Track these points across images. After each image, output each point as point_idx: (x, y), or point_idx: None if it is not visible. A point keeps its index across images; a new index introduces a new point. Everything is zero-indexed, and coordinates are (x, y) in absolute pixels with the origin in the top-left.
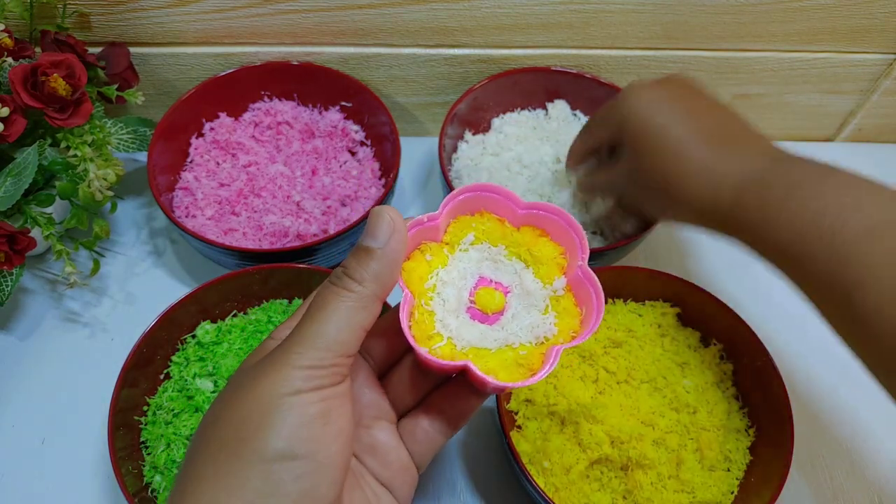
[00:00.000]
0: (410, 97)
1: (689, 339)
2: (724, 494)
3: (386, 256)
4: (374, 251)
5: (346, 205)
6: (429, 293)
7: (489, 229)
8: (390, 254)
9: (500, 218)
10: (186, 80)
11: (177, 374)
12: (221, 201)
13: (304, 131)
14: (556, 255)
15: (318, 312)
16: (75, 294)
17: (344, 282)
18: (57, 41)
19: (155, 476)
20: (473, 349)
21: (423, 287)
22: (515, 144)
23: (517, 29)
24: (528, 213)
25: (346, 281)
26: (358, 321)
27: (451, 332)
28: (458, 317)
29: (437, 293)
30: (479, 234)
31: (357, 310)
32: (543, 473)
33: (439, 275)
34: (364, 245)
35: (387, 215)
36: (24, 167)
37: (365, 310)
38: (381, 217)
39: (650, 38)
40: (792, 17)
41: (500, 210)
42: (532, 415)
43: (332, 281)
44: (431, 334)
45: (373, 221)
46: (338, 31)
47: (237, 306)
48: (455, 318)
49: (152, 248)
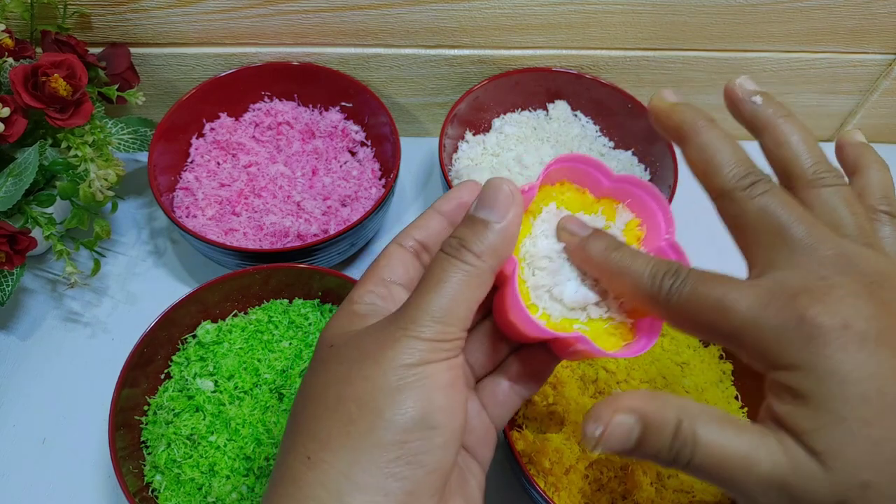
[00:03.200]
0: (410, 97)
1: (688, 338)
2: (723, 494)
3: (505, 231)
4: (493, 225)
5: (347, 205)
6: (521, 263)
7: (568, 199)
8: (509, 228)
9: (580, 188)
10: (187, 81)
11: (177, 373)
12: (222, 201)
13: (304, 131)
14: (633, 227)
15: (437, 284)
16: (76, 294)
17: (462, 254)
18: (58, 41)
19: (155, 476)
20: (565, 319)
21: (519, 256)
22: (516, 145)
23: (517, 30)
24: (612, 186)
25: (465, 253)
26: (476, 295)
27: (545, 302)
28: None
29: (528, 263)
30: (559, 203)
31: (475, 284)
32: (543, 473)
33: (525, 245)
34: (481, 217)
35: (506, 188)
36: (24, 167)
37: (482, 284)
38: (500, 190)
39: (650, 39)
40: (792, 18)
41: (585, 180)
42: (532, 415)
43: (448, 252)
44: (528, 305)
45: (491, 193)
46: (338, 32)
47: (238, 306)
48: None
49: (153, 248)
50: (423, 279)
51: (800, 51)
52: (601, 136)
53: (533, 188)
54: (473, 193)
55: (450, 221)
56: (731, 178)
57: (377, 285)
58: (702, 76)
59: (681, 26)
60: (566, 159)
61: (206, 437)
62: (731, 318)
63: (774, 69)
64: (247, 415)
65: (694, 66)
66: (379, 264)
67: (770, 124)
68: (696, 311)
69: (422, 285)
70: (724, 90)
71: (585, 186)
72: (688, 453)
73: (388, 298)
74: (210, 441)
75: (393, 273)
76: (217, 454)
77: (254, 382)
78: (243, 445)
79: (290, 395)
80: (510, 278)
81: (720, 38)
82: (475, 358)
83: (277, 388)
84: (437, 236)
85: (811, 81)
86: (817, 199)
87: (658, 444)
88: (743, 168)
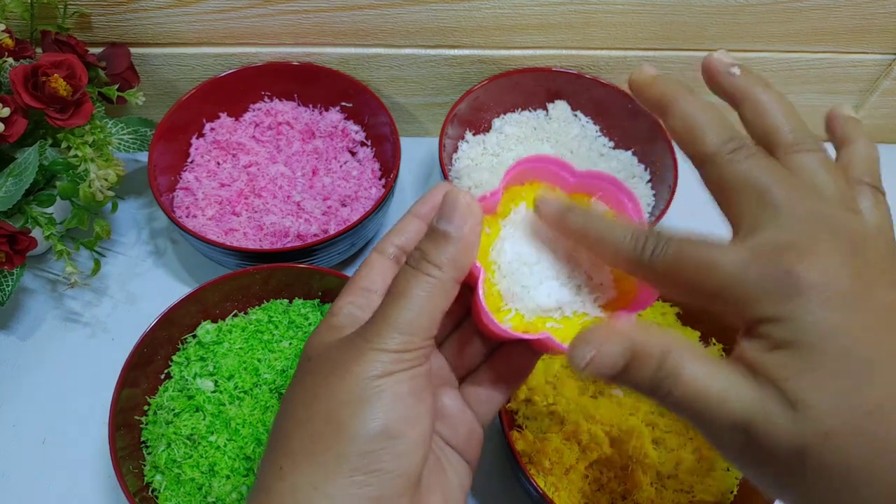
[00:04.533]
0: (410, 97)
1: (683, 329)
2: (723, 494)
3: (463, 241)
4: (452, 236)
5: (347, 205)
6: (492, 266)
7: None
8: (467, 238)
9: (551, 185)
10: (187, 81)
11: (177, 373)
12: (222, 201)
13: (304, 131)
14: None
15: (400, 297)
16: (76, 294)
17: (423, 266)
18: (58, 41)
19: (155, 475)
20: (539, 318)
21: (488, 260)
22: (516, 145)
23: (517, 29)
24: (579, 182)
25: (426, 265)
26: (439, 305)
27: (517, 304)
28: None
29: (498, 266)
30: (529, 203)
31: (438, 295)
32: (543, 473)
33: (495, 248)
34: (441, 229)
35: (462, 199)
36: (24, 167)
37: (445, 294)
38: (457, 202)
39: (650, 39)
40: (792, 18)
41: (552, 179)
42: (532, 414)
43: (411, 265)
44: (500, 307)
45: (449, 205)
46: (338, 32)
47: (238, 306)
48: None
49: (153, 248)
50: (389, 292)
51: (800, 51)
52: (601, 136)
53: (496, 193)
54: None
55: (428, 224)
56: (714, 143)
57: (356, 295)
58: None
59: (681, 26)
60: (528, 161)
61: (206, 437)
62: (716, 275)
63: (774, 69)
64: (247, 415)
65: (694, 66)
66: (360, 274)
67: (749, 94)
68: (682, 271)
69: (387, 298)
70: (702, 65)
71: (555, 184)
72: (668, 385)
73: (367, 308)
74: (210, 441)
75: (372, 282)
76: (217, 454)
77: (254, 382)
78: (243, 445)
79: None
80: (476, 285)
81: (720, 38)
82: (456, 357)
83: (277, 388)
84: (416, 240)
85: (811, 81)
86: (798, 163)
87: (642, 373)
88: (726, 133)
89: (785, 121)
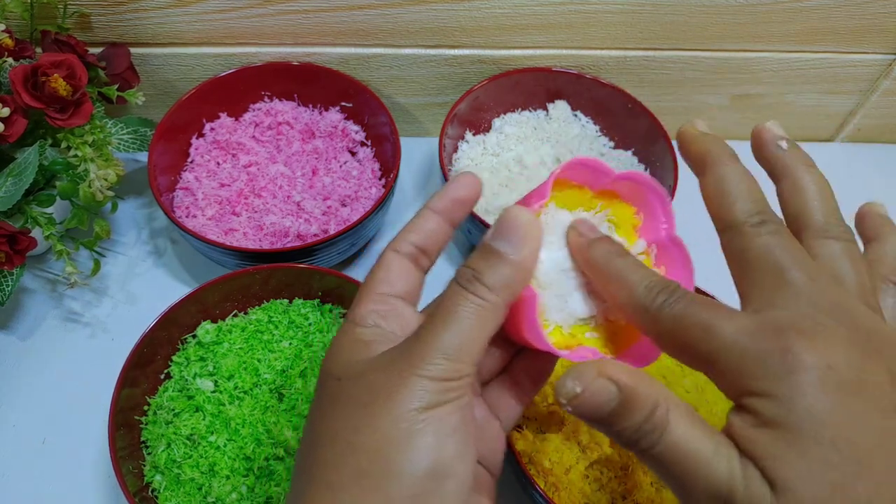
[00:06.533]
0: (410, 97)
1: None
2: None
3: (521, 264)
4: (509, 258)
5: (347, 205)
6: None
7: (566, 196)
8: (525, 261)
9: (579, 185)
10: (187, 81)
11: (177, 373)
12: (222, 201)
13: (304, 131)
14: (630, 215)
15: (449, 320)
16: (76, 294)
17: (475, 287)
18: (57, 41)
19: (155, 476)
20: (576, 327)
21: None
22: (516, 145)
23: (517, 29)
24: (610, 182)
25: (478, 287)
26: (488, 330)
27: (555, 315)
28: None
29: (535, 277)
30: (558, 203)
31: (489, 319)
32: (543, 473)
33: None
34: (496, 249)
35: (524, 217)
36: (24, 167)
37: (496, 319)
38: (517, 219)
39: (650, 38)
40: (792, 17)
41: (586, 178)
42: (532, 414)
43: (461, 284)
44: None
45: (508, 225)
46: (338, 32)
47: (237, 306)
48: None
49: (153, 248)
50: (435, 312)
51: (800, 51)
52: (601, 136)
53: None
54: (469, 189)
55: (446, 220)
56: (742, 212)
57: (377, 302)
58: (702, 76)
59: (681, 26)
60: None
61: (205, 437)
62: (716, 339)
63: (774, 69)
64: (247, 415)
65: (694, 66)
66: (377, 276)
67: (790, 171)
68: (684, 329)
69: (432, 319)
70: (753, 132)
71: (586, 184)
72: (653, 438)
73: (391, 316)
74: (210, 441)
75: (392, 286)
76: (217, 454)
77: (254, 382)
78: (243, 445)
79: (289, 396)
80: (526, 299)
81: (720, 38)
82: (481, 363)
83: (277, 388)
84: (435, 238)
85: (811, 81)
86: (823, 249)
87: (628, 421)
88: (756, 206)
89: (819, 204)
